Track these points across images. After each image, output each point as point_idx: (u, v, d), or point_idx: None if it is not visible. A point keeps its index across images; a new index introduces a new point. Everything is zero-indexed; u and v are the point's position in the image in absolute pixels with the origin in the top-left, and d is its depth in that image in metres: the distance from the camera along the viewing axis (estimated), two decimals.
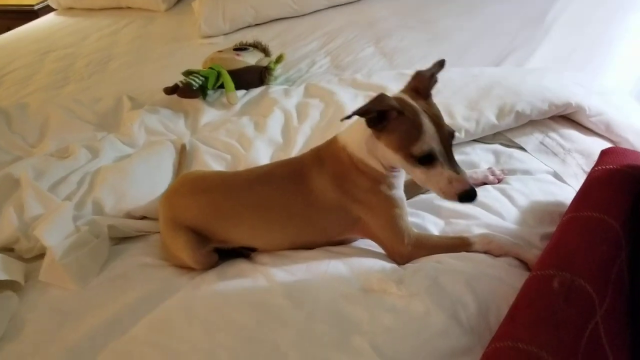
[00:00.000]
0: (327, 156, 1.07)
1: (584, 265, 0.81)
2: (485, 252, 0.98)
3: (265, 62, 1.90)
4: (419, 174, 0.95)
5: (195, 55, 2.11)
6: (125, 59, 2.50)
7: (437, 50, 1.89)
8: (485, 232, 1.02)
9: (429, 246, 1.01)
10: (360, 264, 1.00)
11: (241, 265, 1.10)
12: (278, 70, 1.98)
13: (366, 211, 1.04)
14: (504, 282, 0.90)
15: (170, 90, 1.76)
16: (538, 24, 1.90)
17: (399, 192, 1.04)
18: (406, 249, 1.00)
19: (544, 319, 0.75)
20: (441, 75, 0.99)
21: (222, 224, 1.12)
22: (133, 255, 1.20)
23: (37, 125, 1.77)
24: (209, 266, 1.13)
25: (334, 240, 1.10)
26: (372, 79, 1.66)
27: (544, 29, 1.86)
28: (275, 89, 1.78)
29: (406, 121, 0.93)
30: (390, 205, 1.02)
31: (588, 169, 1.15)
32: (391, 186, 1.03)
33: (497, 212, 1.10)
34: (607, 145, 1.25)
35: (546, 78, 1.40)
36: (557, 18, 1.92)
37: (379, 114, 0.93)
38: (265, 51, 1.97)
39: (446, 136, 0.93)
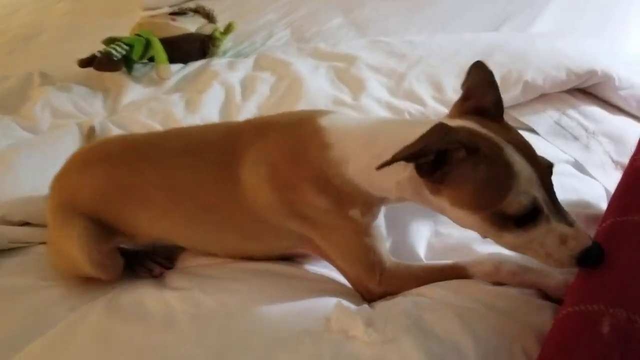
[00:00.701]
0: (278, 138, 0.80)
1: None
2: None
3: (208, 30, 1.71)
4: (511, 240, 0.67)
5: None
6: (54, 35, 2.34)
7: (418, 20, 1.77)
8: (488, 253, 0.80)
9: (409, 282, 0.79)
10: (314, 295, 0.79)
11: (143, 290, 0.87)
12: (228, 43, 1.77)
13: (318, 234, 0.80)
14: (516, 319, 0.69)
15: (86, 62, 1.56)
16: None
17: (378, 220, 0.81)
18: (378, 287, 0.79)
19: None
20: (427, 43, 0.71)
21: (126, 206, 0.90)
22: (1, 276, 0.97)
23: None
24: (112, 272, 0.90)
25: (275, 255, 0.87)
26: (338, 47, 1.49)
27: None
28: (219, 61, 1.61)
29: (484, 163, 0.64)
30: (356, 233, 0.78)
31: (617, 157, 1.06)
32: (368, 213, 0.78)
33: None
34: (639, 126, 1.12)
35: (561, 42, 1.23)
36: None
37: (437, 157, 0.64)
38: (209, 17, 1.78)
39: (546, 174, 0.66)
